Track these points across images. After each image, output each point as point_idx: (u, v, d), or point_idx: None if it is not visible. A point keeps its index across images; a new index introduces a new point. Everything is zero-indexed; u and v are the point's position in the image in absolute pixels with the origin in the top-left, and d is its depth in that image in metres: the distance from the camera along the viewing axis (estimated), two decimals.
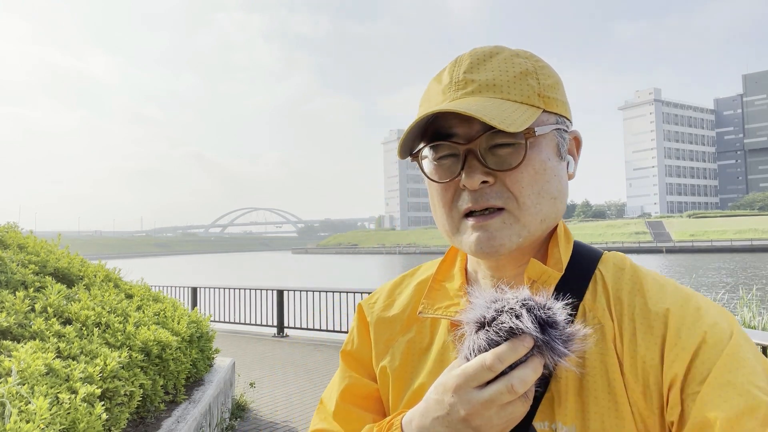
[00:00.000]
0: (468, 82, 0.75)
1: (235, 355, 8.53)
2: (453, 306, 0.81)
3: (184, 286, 12.53)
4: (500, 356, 0.63)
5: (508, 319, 0.65)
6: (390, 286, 0.97)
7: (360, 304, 0.97)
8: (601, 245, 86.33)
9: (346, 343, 0.96)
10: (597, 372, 0.70)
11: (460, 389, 0.65)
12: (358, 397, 0.89)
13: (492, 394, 0.63)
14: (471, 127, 0.74)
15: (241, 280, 40.41)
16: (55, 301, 3.54)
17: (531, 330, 0.63)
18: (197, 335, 4.75)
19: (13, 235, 4.57)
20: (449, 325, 0.82)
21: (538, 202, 0.75)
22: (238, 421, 5.54)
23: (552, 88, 0.77)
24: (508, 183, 0.74)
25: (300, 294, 10.81)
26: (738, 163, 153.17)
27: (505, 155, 0.74)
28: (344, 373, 0.93)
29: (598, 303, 0.75)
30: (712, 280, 28.71)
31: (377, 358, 0.90)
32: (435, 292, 0.86)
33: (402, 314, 0.90)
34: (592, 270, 0.78)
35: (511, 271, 0.81)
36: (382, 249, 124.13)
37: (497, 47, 0.78)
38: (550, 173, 0.76)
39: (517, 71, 0.75)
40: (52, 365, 2.72)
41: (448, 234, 0.80)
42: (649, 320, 0.71)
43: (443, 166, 0.77)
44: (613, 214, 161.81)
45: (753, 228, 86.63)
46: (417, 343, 0.86)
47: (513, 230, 0.74)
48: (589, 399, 0.70)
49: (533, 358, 0.64)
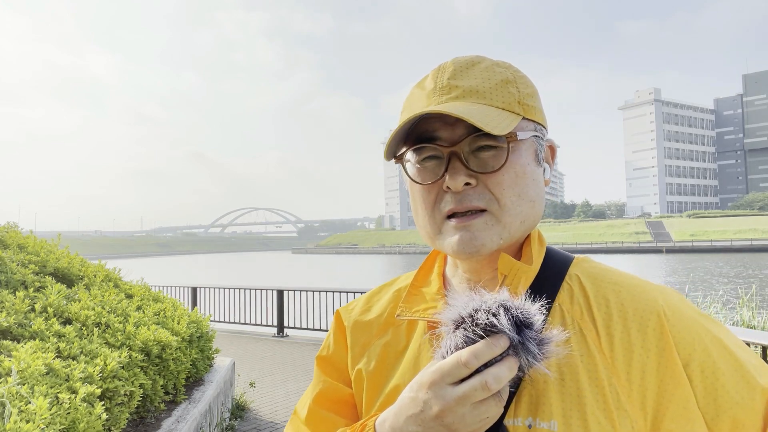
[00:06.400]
0: (452, 87, 0.77)
1: (235, 355, 8.52)
2: (431, 309, 0.82)
3: (184, 286, 12.51)
4: (476, 353, 0.64)
5: (484, 317, 0.65)
6: (368, 294, 0.98)
7: (338, 310, 0.98)
8: (601, 245, 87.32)
9: (322, 348, 0.95)
10: (579, 372, 0.71)
11: (435, 385, 0.65)
12: (331, 402, 0.89)
13: (466, 391, 0.63)
14: (454, 131, 0.76)
15: (241, 280, 40.41)
16: (55, 301, 3.54)
17: (506, 328, 0.64)
18: (197, 335, 4.75)
19: (13, 235, 4.58)
20: (426, 327, 0.82)
21: (519, 204, 0.77)
22: (238, 421, 5.54)
23: (531, 97, 0.80)
24: (490, 185, 0.76)
25: (300, 294, 10.79)
26: (738, 163, 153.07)
27: (487, 158, 0.76)
28: (318, 378, 0.92)
29: (576, 305, 0.76)
30: (711, 280, 28.69)
31: (353, 361, 0.89)
32: (413, 296, 0.87)
33: (379, 318, 0.91)
34: (564, 270, 0.80)
35: (487, 274, 0.82)
36: (382, 249, 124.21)
37: (478, 56, 0.81)
38: (530, 177, 0.78)
39: (498, 79, 0.78)
40: (52, 365, 2.72)
41: (430, 236, 0.81)
42: (642, 319, 0.73)
43: (426, 168, 0.79)
44: (613, 214, 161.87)
45: (753, 228, 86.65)
46: (393, 346, 0.87)
47: (494, 231, 0.76)
48: (572, 398, 0.70)
49: (508, 357, 0.65)
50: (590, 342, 0.73)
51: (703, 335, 0.72)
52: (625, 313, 0.73)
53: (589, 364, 0.71)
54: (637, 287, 0.76)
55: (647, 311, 0.73)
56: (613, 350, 0.71)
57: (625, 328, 0.72)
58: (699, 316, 0.75)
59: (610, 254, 70.76)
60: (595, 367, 0.71)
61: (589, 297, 0.76)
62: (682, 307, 0.75)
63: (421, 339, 0.83)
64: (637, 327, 0.72)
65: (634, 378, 0.70)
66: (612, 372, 0.70)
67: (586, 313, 0.75)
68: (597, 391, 0.69)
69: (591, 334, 0.73)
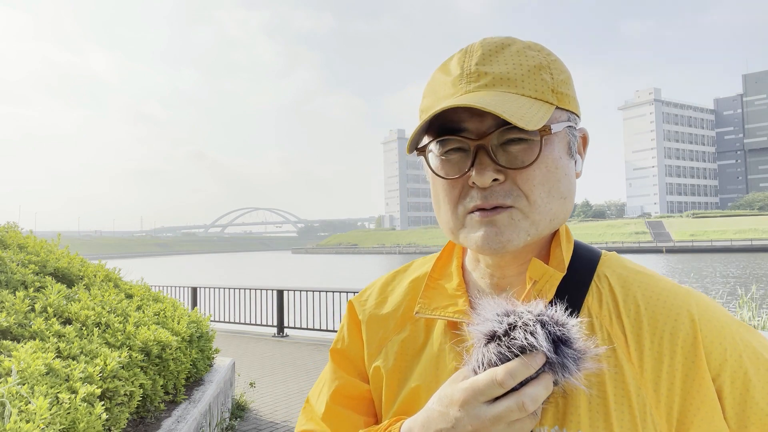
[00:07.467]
0: (481, 74, 0.71)
1: (235, 355, 8.52)
2: (451, 306, 0.79)
3: (184, 286, 12.52)
4: (512, 372, 0.61)
5: (521, 335, 0.62)
6: (381, 282, 0.93)
7: (351, 301, 0.93)
8: (601, 245, 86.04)
9: (336, 341, 0.92)
10: (606, 382, 0.69)
11: (468, 403, 0.63)
12: (349, 399, 0.86)
13: (502, 411, 0.62)
14: (482, 122, 0.70)
15: (241, 280, 40.42)
16: (55, 301, 3.54)
17: (545, 348, 0.62)
18: (197, 335, 4.74)
19: (13, 235, 4.57)
20: (446, 325, 0.80)
21: (549, 202, 0.72)
22: (238, 421, 5.54)
23: (565, 84, 0.74)
24: (519, 181, 0.71)
25: (300, 294, 10.79)
26: (738, 163, 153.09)
27: (517, 152, 0.71)
28: (335, 374, 0.89)
29: (605, 309, 0.73)
30: (711, 279, 28.70)
31: (370, 357, 0.86)
32: (431, 291, 0.83)
33: (395, 312, 0.87)
34: (593, 269, 0.77)
35: (512, 270, 0.79)
36: (382, 249, 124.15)
37: (509, 38, 0.75)
38: (561, 172, 0.73)
39: (531, 65, 0.72)
40: (52, 365, 2.72)
41: (452, 231, 0.76)
42: (674, 329, 0.70)
43: (450, 161, 0.74)
44: (613, 214, 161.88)
45: (753, 228, 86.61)
46: (411, 342, 0.83)
47: (521, 227, 0.71)
48: (598, 408, 0.68)
49: (544, 374, 0.63)
50: (619, 351, 0.70)
51: (737, 343, 0.69)
52: (655, 321, 0.70)
53: (617, 374, 0.69)
54: (668, 292, 0.73)
55: (679, 319, 0.70)
56: (642, 360, 0.69)
57: (655, 337, 0.69)
58: (732, 323, 0.72)
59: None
60: (623, 377, 0.68)
61: (618, 302, 0.73)
62: (715, 313, 0.72)
63: (440, 337, 0.80)
64: (669, 336, 0.69)
65: (662, 389, 0.67)
66: (641, 383, 0.68)
67: (615, 319, 0.72)
68: (624, 402, 0.67)
69: (620, 342, 0.70)
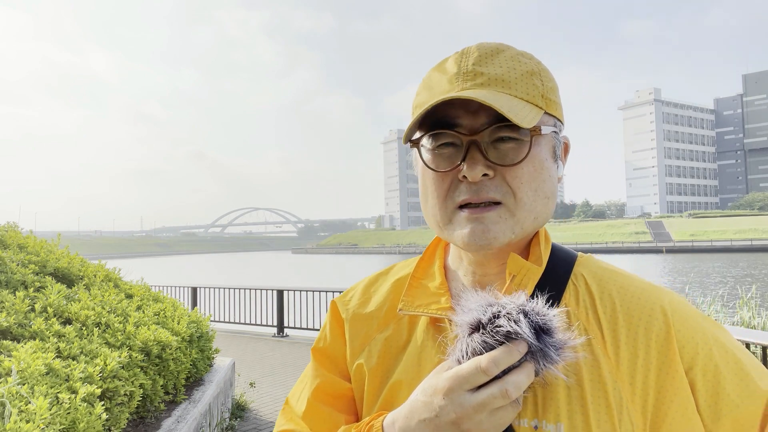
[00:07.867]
0: (477, 74, 0.75)
1: (235, 355, 8.52)
2: (434, 304, 0.81)
3: (184, 286, 12.51)
4: (496, 360, 0.63)
5: (505, 323, 0.64)
6: (365, 283, 0.95)
7: (334, 301, 0.95)
8: (602, 245, 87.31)
9: (318, 340, 0.93)
10: (583, 375, 0.71)
11: (452, 392, 0.64)
12: (330, 397, 0.87)
13: (485, 398, 0.63)
14: (476, 119, 0.74)
15: (241, 280, 40.42)
16: (55, 301, 3.54)
17: (528, 335, 0.64)
18: (197, 335, 4.75)
19: (13, 235, 4.58)
20: (429, 322, 0.81)
21: (535, 200, 0.76)
22: (238, 421, 5.54)
23: (553, 92, 0.78)
24: (507, 178, 0.74)
25: (300, 294, 10.79)
26: (738, 163, 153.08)
27: (507, 150, 0.74)
28: (316, 372, 0.90)
29: (581, 306, 0.76)
30: (711, 279, 28.69)
31: (352, 355, 0.87)
32: (414, 289, 0.85)
33: (379, 311, 0.88)
34: (570, 269, 0.80)
35: (493, 268, 0.81)
36: (382, 249, 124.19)
37: (503, 44, 0.79)
38: (547, 173, 0.77)
39: (524, 70, 0.76)
40: (52, 365, 2.72)
41: (439, 225, 0.79)
42: (648, 323, 0.73)
43: (442, 155, 0.77)
44: (613, 214, 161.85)
45: (753, 228, 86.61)
46: (394, 340, 0.84)
47: (507, 225, 0.75)
48: (576, 401, 0.70)
49: (526, 363, 0.65)
50: (595, 345, 0.72)
51: (707, 338, 0.73)
52: (630, 317, 0.73)
53: (593, 367, 0.71)
54: (642, 290, 0.76)
55: (653, 315, 0.73)
56: (618, 354, 0.71)
57: (630, 332, 0.72)
58: (702, 319, 0.75)
59: (610, 254, 70.69)
60: (599, 371, 0.71)
61: (594, 299, 0.76)
62: (686, 309, 0.75)
63: (423, 334, 0.82)
64: (644, 331, 0.72)
65: (637, 383, 0.70)
66: (617, 376, 0.70)
67: (591, 315, 0.75)
68: (601, 395, 0.69)
69: (596, 337, 0.73)
